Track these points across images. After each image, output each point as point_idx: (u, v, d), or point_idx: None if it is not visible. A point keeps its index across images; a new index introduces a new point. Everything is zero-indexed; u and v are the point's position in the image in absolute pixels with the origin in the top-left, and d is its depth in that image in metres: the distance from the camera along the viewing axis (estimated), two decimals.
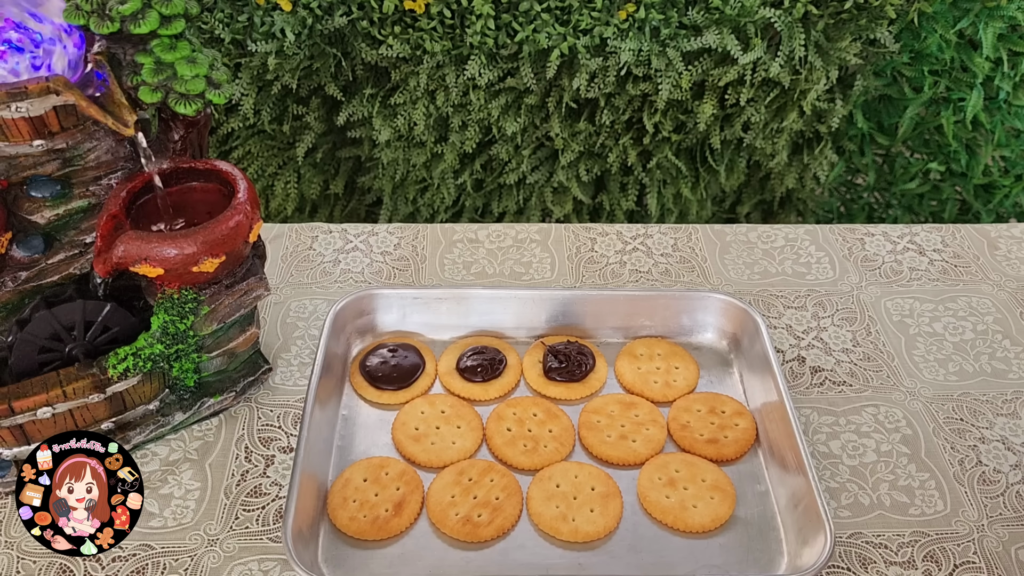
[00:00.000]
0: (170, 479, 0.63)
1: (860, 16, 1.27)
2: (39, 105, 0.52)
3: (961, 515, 0.62)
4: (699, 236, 0.86)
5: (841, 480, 0.64)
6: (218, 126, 1.43)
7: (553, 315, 0.73)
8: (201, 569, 0.57)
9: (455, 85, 1.31)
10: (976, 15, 1.34)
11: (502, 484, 0.62)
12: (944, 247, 0.86)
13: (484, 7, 1.20)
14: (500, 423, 0.66)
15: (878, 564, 0.59)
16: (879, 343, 0.75)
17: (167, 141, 0.61)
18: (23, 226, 0.58)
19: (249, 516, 0.61)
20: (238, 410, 0.68)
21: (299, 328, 0.75)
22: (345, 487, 0.61)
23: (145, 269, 0.56)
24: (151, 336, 0.60)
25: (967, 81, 1.42)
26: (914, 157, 1.59)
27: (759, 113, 1.36)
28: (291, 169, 1.50)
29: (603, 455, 0.64)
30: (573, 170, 1.46)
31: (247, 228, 0.59)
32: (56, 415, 0.58)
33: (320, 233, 0.85)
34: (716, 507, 0.61)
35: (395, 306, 0.73)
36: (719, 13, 1.23)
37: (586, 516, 0.60)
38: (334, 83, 1.35)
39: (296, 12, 1.22)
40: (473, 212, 1.56)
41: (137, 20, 0.53)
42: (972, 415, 0.69)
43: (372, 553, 0.59)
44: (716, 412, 0.67)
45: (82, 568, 0.57)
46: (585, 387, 0.70)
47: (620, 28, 1.24)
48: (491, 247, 0.84)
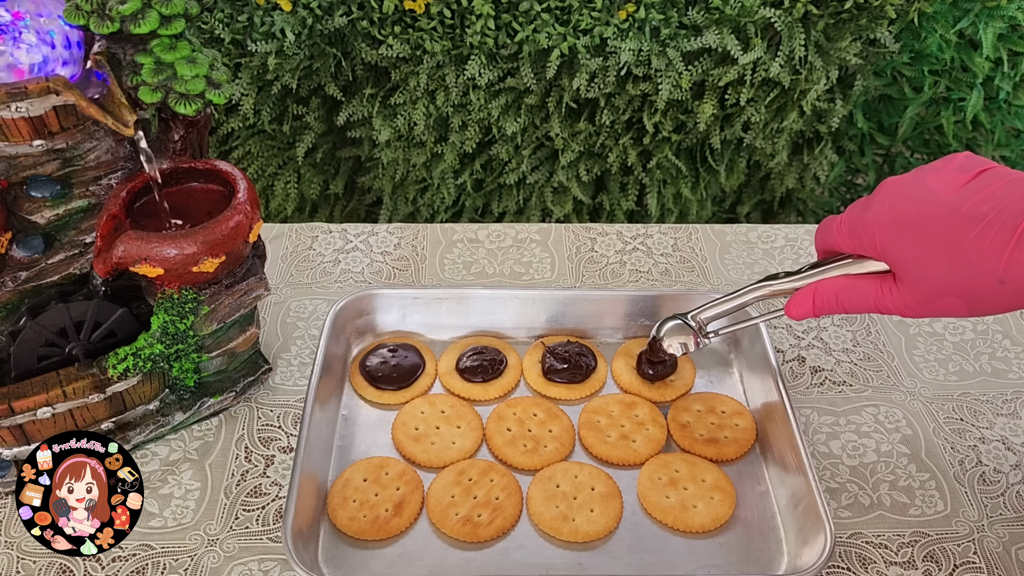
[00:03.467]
0: (170, 479, 0.63)
1: (860, 16, 1.27)
2: (39, 105, 0.52)
3: (961, 515, 0.62)
4: (699, 236, 0.86)
5: (841, 480, 0.64)
6: (218, 126, 1.43)
7: (553, 315, 0.73)
8: (201, 569, 0.57)
9: (455, 85, 1.31)
10: (976, 15, 1.34)
11: (502, 484, 0.62)
12: None
13: (484, 7, 1.20)
14: (500, 423, 0.66)
15: (878, 564, 0.59)
16: (879, 343, 0.75)
17: (167, 141, 0.61)
18: (23, 226, 0.58)
19: (249, 516, 0.61)
20: (238, 410, 0.68)
21: (299, 328, 0.75)
22: (345, 487, 0.61)
23: (145, 269, 0.56)
24: (151, 336, 0.60)
25: (967, 81, 1.42)
26: (914, 157, 1.59)
27: (759, 113, 1.36)
28: (291, 169, 1.51)
29: (603, 455, 0.64)
30: (573, 170, 1.46)
31: (247, 228, 0.59)
32: (56, 415, 0.58)
33: (320, 233, 0.85)
34: (716, 507, 0.61)
35: (395, 306, 0.73)
36: (719, 13, 1.23)
37: (586, 516, 0.60)
38: (334, 83, 1.35)
39: (296, 12, 1.22)
40: (473, 212, 1.56)
41: (137, 20, 0.53)
42: (972, 415, 0.69)
43: (372, 553, 0.59)
44: (716, 412, 0.67)
45: (82, 568, 0.57)
46: (585, 387, 0.70)
47: (620, 28, 1.24)
48: (491, 247, 0.84)
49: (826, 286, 0.55)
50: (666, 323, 0.65)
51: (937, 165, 0.50)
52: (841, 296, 0.54)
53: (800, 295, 0.56)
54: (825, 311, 0.56)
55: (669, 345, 0.65)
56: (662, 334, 0.65)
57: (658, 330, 0.65)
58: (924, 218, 0.48)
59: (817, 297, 0.55)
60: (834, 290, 0.55)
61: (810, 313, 0.56)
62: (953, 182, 0.48)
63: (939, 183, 0.48)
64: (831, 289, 0.55)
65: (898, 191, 0.50)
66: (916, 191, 0.49)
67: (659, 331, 0.65)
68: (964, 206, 0.47)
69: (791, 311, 0.57)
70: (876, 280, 0.53)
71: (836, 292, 0.55)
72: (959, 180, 0.48)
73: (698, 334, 0.64)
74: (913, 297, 0.50)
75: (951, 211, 0.47)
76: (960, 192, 0.47)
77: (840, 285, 0.54)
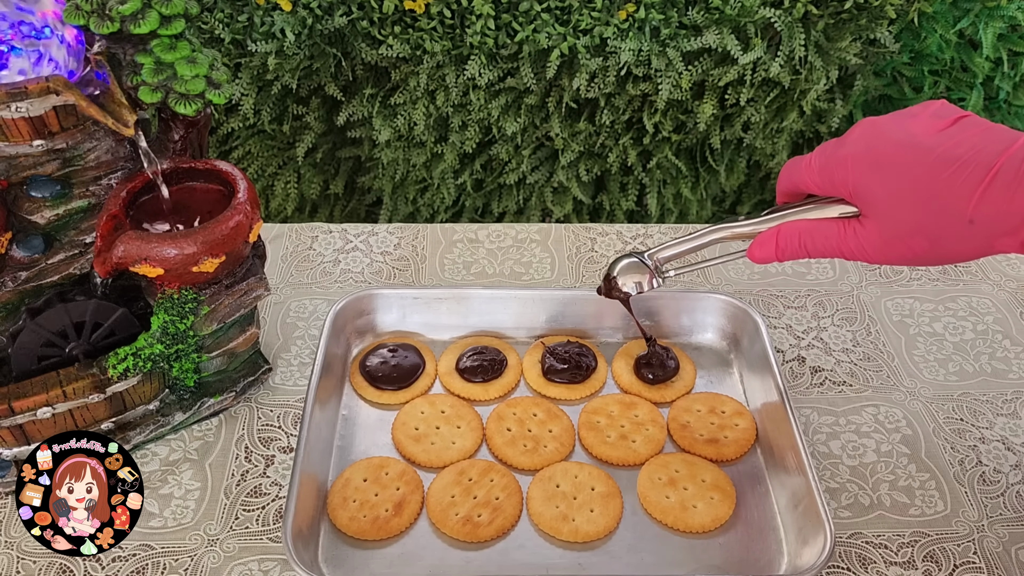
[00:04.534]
0: (170, 479, 0.63)
1: (860, 16, 1.27)
2: (39, 105, 0.52)
3: (961, 515, 0.62)
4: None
5: (841, 480, 0.64)
6: (218, 126, 1.43)
7: (553, 315, 0.73)
8: (201, 569, 0.57)
9: (455, 85, 1.31)
10: (976, 15, 1.35)
11: (502, 484, 0.62)
12: None
13: (484, 7, 1.20)
14: (500, 423, 0.66)
15: (878, 564, 0.59)
16: (879, 343, 0.75)
17: (167, 141, 0.61)
18: (23, 226, 0.58)
19: (249, 516, 0.61)
20: (238, 410, 0.68)
21: (299, 328, 0.75)
22: (345, 487, 0.61)
23: (145, 269, 0.56)
24: (151, 336, 0.60)
25: (967, 81, 1.42)
26: None
27: (759, 113, 1.36)
28: (291, 169, 1.51)
29: (603, 455, 0.64)
30: (573, 170, 1.46)
31: (247, 228, 0.59)
32: (56, 415, 0.58)
33: (320, 233, 0.85)
34: (716, 507, 0.61)
35: (395, 306, 0.73)
36: (719, 13, 1.23)
37: (586, 516, 0.60)
38: (334, 83, 1.35)
39: (296, 12, 1.22)
40: (473, 212, 1.56)
41: (137, 20, 0.53)
42: (972, 415, 0.69)
43: (372, 553, 0.59)
44: (716, 412, 0.67)
45: (82, 568, 0.57)
46: (585, 387, 0.70)
47: (620, 28, 1.24)
48: (491, 247, 0.84)
49: (790, 228, 0.54)
50: (621, 260, 0.62)
51: (914, 111, 0.50)
52: (804, 238, 0.53)
53: (763, 237, 0.55)
54: (788, 254, 0.54)
55: (624, 283, 0.62)
56: (616, 272, 0.62)
57: (612, 267, 0.63)
58: (900, 158, 0.48)
59: (780, 239, 0.54)
60: (797, 232, 0.53)
61: (773, 256, 0.55)
62: (931, 127, 0.48)
63: (917, 127, 0.48)
64: (794, 231, 0.54)
65: (874, 131, 0.50)
66: (893, 133, 0.49)
67: (613, 269, 0.63)
68: (940, 148, 0.47)
69: (753, 254, 0.56)
70: (840, 222, 0.52)
71: (800, 234, 0.53)
72: (937, 126, 0.48)
73: (655, 273, 0.62)
74: (879, 237, 0.50)
75: (927, 152, 0.47)
76: (938, 136, 0.47)
77: (804, 227, 0.53)
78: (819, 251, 0.53)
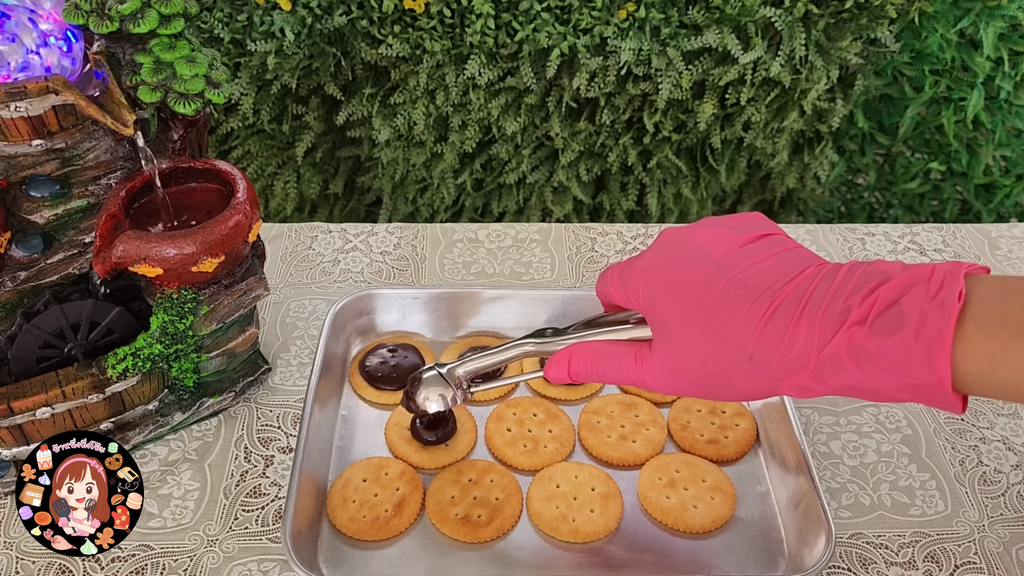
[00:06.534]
0: (169, 479, 0.63)
1: (861, 15, 1.27)
2: (38, 105, 0.52)
3: (962, 515, 0.62)
4: None
5: (842, 480, 0.64)
6: (217, 126, 1.43)
7: (553, 315, 0.73)
8: (201, 569, 0.57)
9: (455, 85, 1.31)
10: (977, 14, 1.34)
11: (502, 484, 0.62)
12: (945, 247, 0.86)
13: (484, 6, 1.20)
14: (500, 423, 0.66)
15: (879, 564, 0.59)
16: None
17: (166, 141, 0.61)
18: (22, 226, 0.58)
19: (248, 516, 0.60)
20: (237, 410, 0.68)
21: (299, 328, 0.75)
22: (345, 487, 0.61)
23: (144, 269, 0.56)
24: (150, 336, 0.60)
25: (968, 81, 1.42)
26: (915, 157, 1.59)
27: (759, 113, 1.36)
28: (291, 169, 1.50)
29: (603, 456, 0.64)
30: (573, 170, 1.46)
31: (246, 228, 0.59)
32: (55, 415, 0.58)
33: (320, 233, 0.85)
34: (716, 508, 0.61)
35: (395, 306, 0.73)
36: (719, 12, 1.23)
37: (586, 516, 0.60)
38: (334, 83, 1.35)
39: (296, 11, 1.22)
40: (473, 212, 1.56)
41: (136, 20, 0.53)
42: (973, 415, 0.69)
43: (372, 553, 0.58)
44: (716, 412, 0.67)
45: (82, 568, 0.57)
46: (585, 387, 0.69)
47: (620, 27, 1.24)
48: (491, 247, 0.84)
49: (582, 350, 0.51)
50: (422, 374, 0.57)
51: (721, 220, 0.46)
52: (596, 361, 0.50)
53: (557, 357, 0.52)
54: (582, 376, 0.51)
55: (425, 399, 0.57)
56: (418, 389, 0.57)
57: (411, 383, 0.57)
58: (689, 276, 0.44)
59: (573, 361, 0.51)
60: (590, 354, 0.50)
61: (566, 378, 0.52)
62: (730, 242, 0.44)
63: (715, 241, 0.45)
64: (587, 353, 0.50)
65: (672, 244, 0.46)
66: (690, 247, 0.45)
67: (412, 384, 0.57)
68: (733, 270, 0.43)
69: (549, 373, 0.53)
70: (632, 347, 0.48)
71: (592, 357, 0.50)
72: (737, 241, 0.44)
73: (460, 387, 0.57)
74: (665, 365, 0.46)
75: (719, 274, 0.43)
76: (734, 254, 0.43)
77: (597, 349, 0.50)
78: (611, 376, 0.50)
